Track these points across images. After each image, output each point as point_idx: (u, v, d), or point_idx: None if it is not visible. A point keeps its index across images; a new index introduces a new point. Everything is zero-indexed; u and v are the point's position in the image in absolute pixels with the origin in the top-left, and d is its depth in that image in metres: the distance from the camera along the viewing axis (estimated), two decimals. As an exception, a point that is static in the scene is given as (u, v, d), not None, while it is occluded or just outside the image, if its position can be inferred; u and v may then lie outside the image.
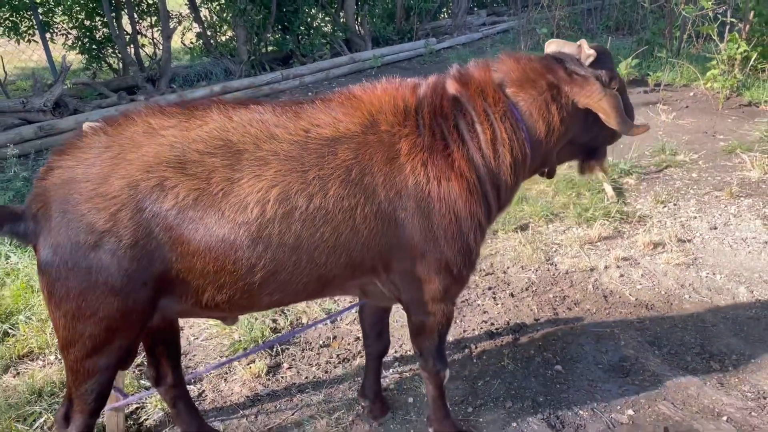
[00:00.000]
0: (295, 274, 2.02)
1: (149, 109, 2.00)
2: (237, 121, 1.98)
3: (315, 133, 2.01)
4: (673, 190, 5.27)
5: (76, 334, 1.93)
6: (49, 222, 1.85)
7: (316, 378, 3.10)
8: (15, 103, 7.00)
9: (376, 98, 2.14)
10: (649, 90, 8.52)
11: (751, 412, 2.79)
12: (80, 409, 2.09)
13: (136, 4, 8.86)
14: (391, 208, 2.07)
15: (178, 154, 1.88)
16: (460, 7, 13.56)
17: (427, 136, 2.11)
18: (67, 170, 1.88)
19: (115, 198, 1.83)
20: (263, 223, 1.91)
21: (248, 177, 1.91)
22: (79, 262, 1.83)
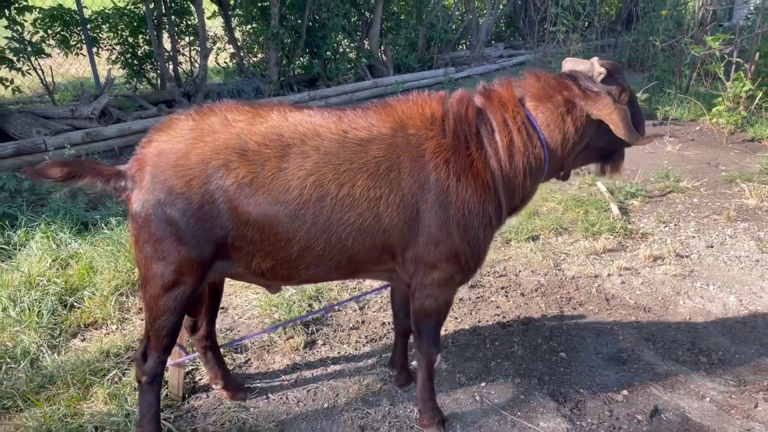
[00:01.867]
0: (326, 251, 2.42)
1: (228, 105, 2.46)
2: (291, 120, 2.41)
3: (353, 134, 2.40)
4: (675, 212, 5.67)
5: (151, 273, 2.40)
6: (142, 181, 2.34)
7: (347, 353, 3.50)
8: (64, 110, 7.55)
9: (407, 107, 2.52)
10: (658, 123, 8.95)
11: (731, 395, 3.17)
12: (155, 344, 2.54)
13: (176, 24, 9.45)
14: (414, 200, 2.42)
15: (241, 143, 2.33)
16: (479, 39, 14.14)
17: (450, 139, 2.46)
18: (161, 143, 2.37)
19: (191, 169, 2.30)
20: (300, 203, 2.32)
21: (293, 167, 2.33)
22: (158, 215, 2.31)
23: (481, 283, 4.30)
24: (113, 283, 3.94)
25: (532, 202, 5.24)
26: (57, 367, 3.18)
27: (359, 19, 12.03)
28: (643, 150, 7.69)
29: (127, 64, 9.20)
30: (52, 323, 3.56)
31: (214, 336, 3.03)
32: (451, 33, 13.10)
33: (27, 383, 3.07)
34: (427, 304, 2.65)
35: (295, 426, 2.92)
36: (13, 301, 3.64)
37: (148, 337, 2.55)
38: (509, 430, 2.93)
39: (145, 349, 2.58)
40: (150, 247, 2.37)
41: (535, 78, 2.66)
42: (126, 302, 3.88)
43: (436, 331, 2.76)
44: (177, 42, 9.46)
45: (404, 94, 2.66)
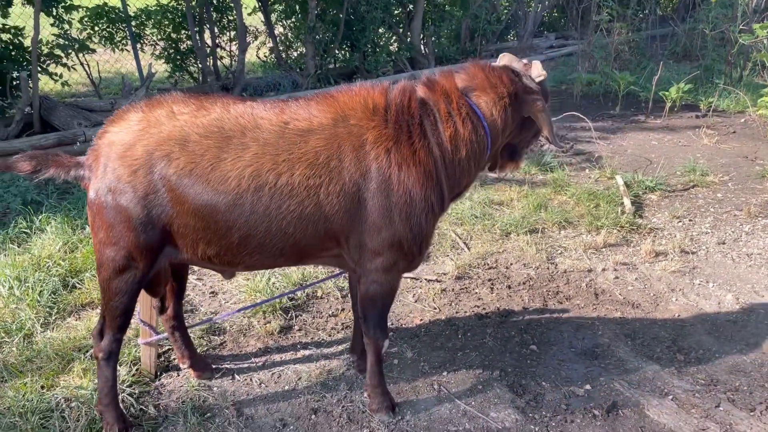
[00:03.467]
0: (267, 238, 2.51)
1: (175, 97, 2.58)
2: (233, 113, 2.51)
3: (293, 125, 2.49)
4: (693, 208, 5.48)
5: (104, 257, 2.56)
6: (96, 171, 2.50)
7: (320, 339, 3.60)
8: (105, 104, 7.95)
9: (349, 98, 2.58)
10: (701, 115, 8.61)
11: (696, 394, 3.08)
12: (110, 324, 2.69)
13: (217, 20, 9.75)
14: (355, 188, 2.50)
15: (184, 135, 2.44)
16: (527, 30, 13.90)
17: (392, 129, 2.52)
18: (113, 134, 2.52)
19: (136, 160, 2.43)
20: (239, 193, 2.42)
21: (231, 158, 2.42)
22: (109, 203, 2.46)
23: (468, 275, 4.31)
24: (114, 266, 4.17)
25: (539, 196, 5.22)
26: (46, 343, 3.42)
27: (402, 12, 12.05)
28: (677, 143, 7.43)
29: (170, 59, 9.57)
30: (51, 302, 3.81)
31: (182, 317, 3.19)
32: (496, 24, 12.92)
33: (17, 356, 3.32)
34: (372, 290, 2.73)
35: (252, 406, 3.04)
36: (18, 281, 3.91)
37: (104, 317, 2.72)
38: (459, 418, 2.96)
39: (101, 327, 2.74)
40: (103, 232, 2.53)
41: (479, 69, 2.71)
42: (123, 285, 4.10)
43: (382, 317, 2.83)
44: (217, 37, 9.76)
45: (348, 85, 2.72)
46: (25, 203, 5.24)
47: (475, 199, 5.46)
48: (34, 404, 2.91)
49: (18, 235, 4.68)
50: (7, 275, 3.95)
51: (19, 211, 5.09)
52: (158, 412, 2.99)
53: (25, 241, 4.58)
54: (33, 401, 2.93)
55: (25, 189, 5.44)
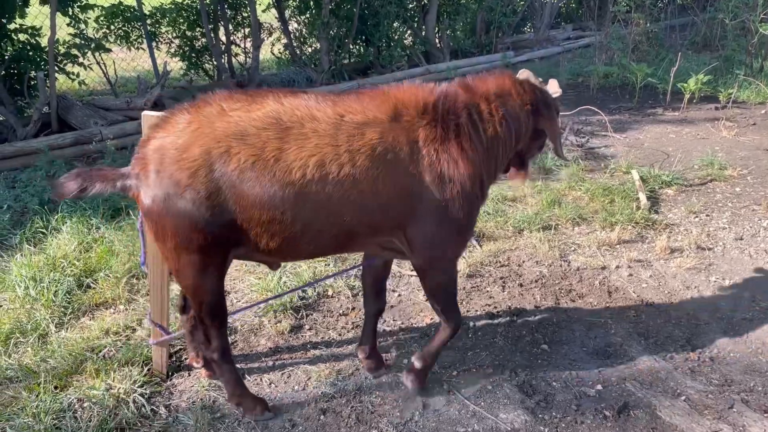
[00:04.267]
0: (326, 226, 2.57)
1: (222, 95, 2.59)
2: (287, 105, 2.53)
3: (349, 118, 2.54)
4: (711, 202, 5.39)
5: (181, 262, 2.58)
6: (147, 179, 2.48)
7: (330, 338, 3.60)
8: (121, 102, 8.02)
9: (401, 95, 2.67)
10: (721, 107, 8.47)
11: (709, 395, 3.04)
12: (211, 324, 2.76)
13: (231, 17, 9.78)
14: (409, 180, 2.59)
15: (240, 129, 2.44)
16: (543, 22, 13.76)
17: (440, 128, 2.63)
18: (160, 140, 2.49)
19: (195, 161, 2.41)
20: (304, 183, 2.45)
21: (294, 148, 2.45)
22: (171, 208, 2.46)
23: (479, 273, 4.29)
24: (127, 265, 4.22)
25: (552, 192, 5.17)
26: (60, 343, 3.47)
27: (416, 5, 11.99)
28: (695, 136, 7.32)
29: (185, 57, 9.62)
30: (66, 302, 3.86)
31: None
32: (512, 16, 12.80)
33: (31, 356, 3.37)
34: (439, 280, 2.90)
35: (262, 406, 3.05)
36: (34, 281, 3.97)
37: (202, 321, 2.77)
38: (468, 419, 2.95)
39: (204, 332, 2.81)
40: (171, 239, 2.53)
41: (507, 77, 2.90)
42: (137, 284, 4.14)
43: (454, 301, 3.03)
44: (232, 34, 9.79)
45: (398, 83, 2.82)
46: (41, 203, 5.31)
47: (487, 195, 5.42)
48: (48, 405, 2.95)
49: (34, 234, 4.74)
50: (23, 275, 4.00)
51: (35, 211, 5.16)
52: (169, 412, 3.02)
53: (41, 241, 4.64)
54: (46, 402, 2.96)
55: (42, 189, 5.51)
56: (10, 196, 5.44)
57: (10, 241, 4.71)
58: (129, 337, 3.59)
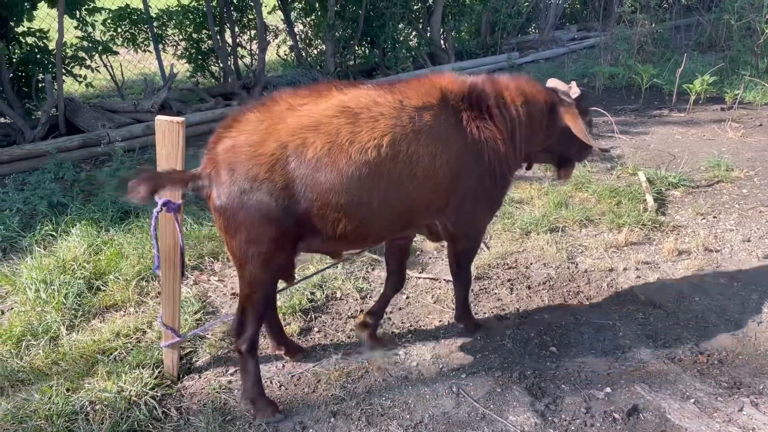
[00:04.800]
0: (398, 204, 2.78)
1: (288, 92, 2.73)
2: (350, 94, 2.71)
3: (407, 103, 2.77)
4: (718, 204, 5.39)
5: (249, 254, 2.66)
6: (219, 177, 2.58)
7: (339, 341, 3.62)
8: (128, 104, 8.06)
9: (444, 82, 2.95)
10: (726, 108, 8.45)
11: (718, 398, 3.04)
12: (251, 316, 2.86)
13: (237, 20, 9.80)
14: (459, 155, 2.88)
15: (313, 120, 2.59)
16: (548, 23, 13.74)
17: (477, 110, 2.97)
18: (232, 139, 2.60)
19: (272, 155, 2.54)
20: (378, 161, 2.63)
21: (366, 129, 2.63)
22: (246, 203, 2.55)
23: (487, 275, 4.30)
24: (136, 268, 4.24)
25: (559, 194, 5.18)
26: (71, 346, 3.49)
27: (421, 7, 12.00)
28: (701, 137, 7.31)
29: (191, 59, 9.65)
30: (76, 305, 3.89)
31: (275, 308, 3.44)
32: (516, 17, 12.80)
33: (43, 359, 3.40)
34: (465, 246, 3.31)
35: (272, 408, 3.07)
36: (45, 284, 3.99)
37: (244, 310, 2.87)
38: (478, 422, 2.96)
39: (240, 320, 2.89)
40: (243, 233, 2.62)
41: (526, 81, 3.24)
42: (146, 287, 4.17)
43: (471, 263, 3.50)
44: (238, 36, 9.82)
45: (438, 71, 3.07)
46: (51, 205, 5.34)
47: (494, 198, 5.44)
48: (60, 407, 2.97)
49: (44, 237, 4.77)
50: (34, 278, 4.03)
51: (45, 213, 5.19)
52: (180, 414, 3.04)
53: (51, 244, 4.67)
54: (58, 404, 2.99)
55: (51, 192, 5.54)
56: (19, 198, 5.47)
57: (19, 244, 4.74)
58: (139, 340, 3.61)
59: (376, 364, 3.37)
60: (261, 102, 2.70)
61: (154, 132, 2.88)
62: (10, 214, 5.02)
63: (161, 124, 2.84)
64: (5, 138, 7.26)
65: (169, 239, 3.02)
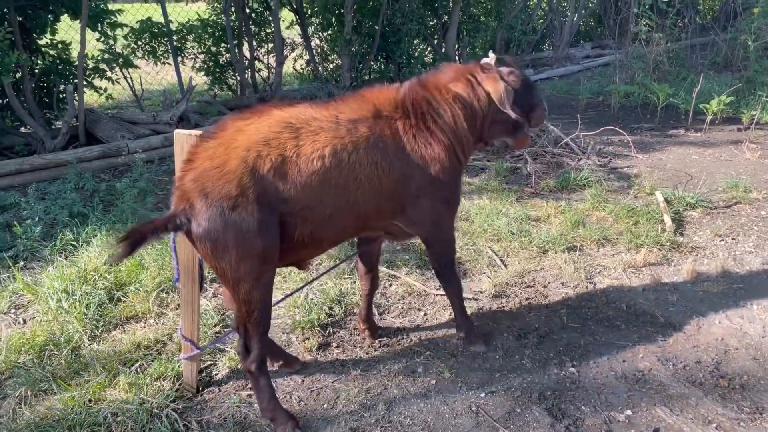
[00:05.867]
0: (346, 210, 2.93)
1: (232, 117, 2.86)
2: (290, 112, 2.88)
3: (342, 117, 2.94)
4: (736, 226, 5.37)
5: (241, 272, 2.71)
6: (194, 209, 2.63)
7: (357, 357, 3.63)
8: (147, 116, 8.16)
9: (375, 96, 3.11)
10: (743, 128, 8.44)
11: (740, 423, 3.02)
12: (254, 333, 2.89)
13: (255, 34, 9.93)
14: (399, 164, 3.03)
15: (262, 136, 2.73)
16: (562, 40, 13.81)
17: (413, 117, 3.11)
18: (196, 170, 2.68)
19: (236, 172, 2.64)
20: (324, 170, 2.79)
21: (309, 142, 2.79)
22: (228, 221, 2.62)
23: (505, 293, 4.30)
24: (156, 280, 4.28)
25: (576, 212, 5.18)
26: (92, 356, 3.52)
27: (437, 23, 12.10)
28: (718, 157, 7.30)
29: (209, 72, 9.77)
30: (98, 315, 3.92)
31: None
32: (531, 34, 12.87)
33: (65, 369, 3.43)
34: (440, 247, 3.43)
35: (292, 424, 3.08)
36: (66, 293, 4.04)
37: (246, 330, 2.92)
38: (498, 442, 2.95)
39: (245, 342, 2.95)
40: (232, 252, 2.67)
41: (449, 67, 3.38)
42: (166, 298, 4.20)
43: (453, 265, 3.54)
44: (255, 50, 9.93)
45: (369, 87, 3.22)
46: (71, 215, 5.40)
47: (511, 215, 5.45)
48: (82, 417, 3.00)
49: (65, 247, 4.83)
50: (56, 288, 4.07)
51: (65, 223, 5.25)
52: (201, 428, 3.05)
53: (71, 254, 4.72)
54: (81, 414, 3.02)
55: (71, 201, 5.60)
56: (41, 208, 5.53)
57: (41, 253, 4.79)
58: (160, 351, 3.64)
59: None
60: (210, 131, 2.81)
61: (173, 143, 2.97)
62: (32, 224, 5.07)
63: (180, 138, 2.90)
64: (26, 147, 7.36)
65: (189, 251, 3.06)
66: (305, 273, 4.50)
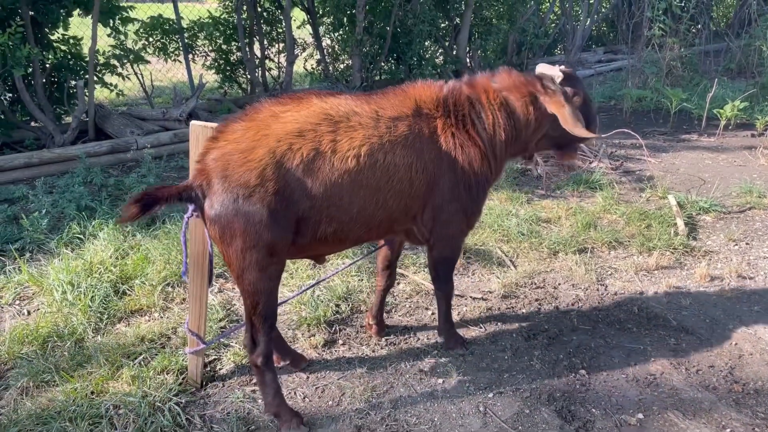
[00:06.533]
0: (376, 210, 2.85)
1: (269, 101, 2.77)
2: (330, 103, 2.79)
3: (383, 113, 2.86)
4: (750, 231, 5.29)
5: (246, 262, 2.65)
6: (211, 188, 2.58)
7: (363, 354, 3.57)
8: (157, 113, 8.14)
9: (420, 92, 3.03)
10: (757, 134, 8.34)
11: (755, 429, 2.94)
12: (260, 326, 2.81)
13: (266, 33, 9.90)
14: (432, 166, 2.95)
15: (297, 127, 2.65)
16: (575, 44, 13.72)
17: (452, 117, 3.01)
18: (220, 150, 2.62)
19: (261, 161, 2.56)
20: (358, 170, 2.71)
21: (346, 139, 2.71)
22: (240, 209, 2.55)
23: (515, 294, 4.23)
24: (162, 274, 4.24)
25: (587, 215, 5.11)
26: (96, 348, 3.48)
27: (448, 25, 12.05)
28: (732, 163, 7.20)
29: (219, 70, 9.75)
30: (102, 308, 3.89)
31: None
32: (543, 38, 12.79)
33: (68, 361, 3.39)
34: (445, 254, 3.29)
35: (296, 420, 3.02)
36: (71, 286, 4.00)
37: (252, 323, 2.83)
38: (506, 443, 2.89)
39: (251, 335, 2.87)
40: (239, 240, 2.61)
41: (507, 74, 3.18)
42: (171, 292, 4.16)
43: (451, 273, 3.44)
44: (266, 49, 9.91)
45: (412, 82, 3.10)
46: (79, 209, 5.38)
47: (521, 216, 5.38)
48: (84, 410, 2.96)
49: (72, 240, 4.80)
50: (61, 280, 4.04)
51: (72, 216, 5.22)
52: (204, 422, 3.00)
53: (78, 247, 4.69)
54: (83, 406, 2.98)
55: (79, 195, 5.58)
56: (48, 201, 5.52)
57: (47, 246, 4.77)
58: (164, 345, 3.60)
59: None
60: (244, 112, 2.74)
61: (182, 140, 2.96)
62: (39, 216, 5.06)
63: (195, 129, 2.87)
64: (36, 141, 7.36)
65: (199, 245, 3.02)
66: (312, 270, 4.46)
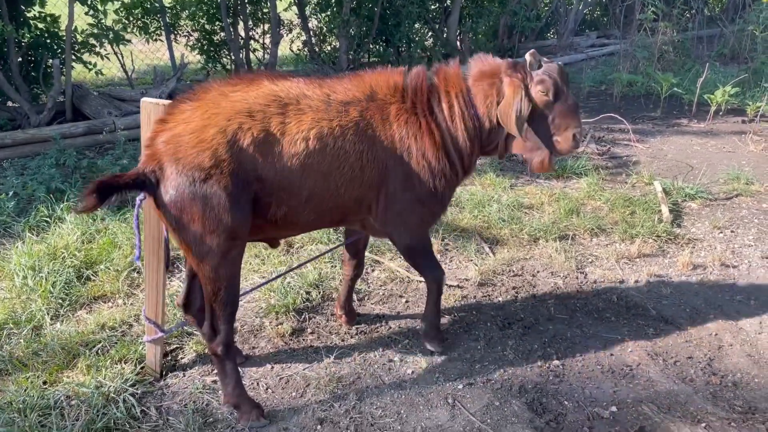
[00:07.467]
0: (325, 197, 2.73)
1: (219, 80, 2.67)
2: (281, 85, 2.68)
3: (334, 98, 2.74)
4: (736, 218, 5.18)
5: (206, 247, 2.52)
6: (164, 172, 2.44)
7: (332, 344, 3.46)
8: (136, 93, 7.96)
9: (374, 78, 2.87)
10: (748, 120, 8.22)
11: (731, 423, 2.85)
12: (221, 314, 2.70)
13: (251, 13, 9.68)
14: (384, 155, 2.80)
15: (247, 106, 2.55)
16: (567, 28, 13.54)
17: (409, 104, 2.85)
18: (170, 131, 2.49)
19: (213, 140, 2.46)
20: (307, 154, 2.60)
21: (294, 122, 2.60)
22: (197, 193, 2.43)
23: (491, 282, 4.12)
24: (129, 258, 4.11)
25: (571, 201, 4.99)
26: (53, 336, 3.35)
27: (438, 7, 11.84)
28: (721, 149, 7.09)
29: (203, 50, 9.53)
30: (64, 294, 3.75)
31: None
32: (535, 21, 12.59)
33: (23, 349, 3.26)
34: (409, 242, 3.07)
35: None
36: (33, 270, 3.86)
37: (213, 310, 2.71)
38: (473, 437, 2.78)
39: (211, 323, 2.74)
40: (197, 224, 2.49)
41: (479, 60, 2.97)
42: (137, 278, 4.03)
43: (430, 259, 3.20)
44: (251, 29, 9.70)
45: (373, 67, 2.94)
46: (48, 191, 5.22)
47: (504, 202, 5.26)
48: (35, 400, 2.83)
49: (39, 223, 4.65)
50: (22, 264, 3.90)
51: (42, 199, 5.07)
52: (159, 414, 2.88)
53: (44, 230, 4.55)
54: (34, 397, 2.85)
55: (50, 177, 5.42)
56: (18, 183, 5.36)
57: (13, 229, 4.62)
58: (125, 333, 3.47)
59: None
60: (193, 91, 2.63)
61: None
62: (6, 198, 4.90)
63: (147, 106, 2.71)
64: (10, 122, 7.16)
65: (154, 229, 2.88)
66: (285, 255, 4.33)
